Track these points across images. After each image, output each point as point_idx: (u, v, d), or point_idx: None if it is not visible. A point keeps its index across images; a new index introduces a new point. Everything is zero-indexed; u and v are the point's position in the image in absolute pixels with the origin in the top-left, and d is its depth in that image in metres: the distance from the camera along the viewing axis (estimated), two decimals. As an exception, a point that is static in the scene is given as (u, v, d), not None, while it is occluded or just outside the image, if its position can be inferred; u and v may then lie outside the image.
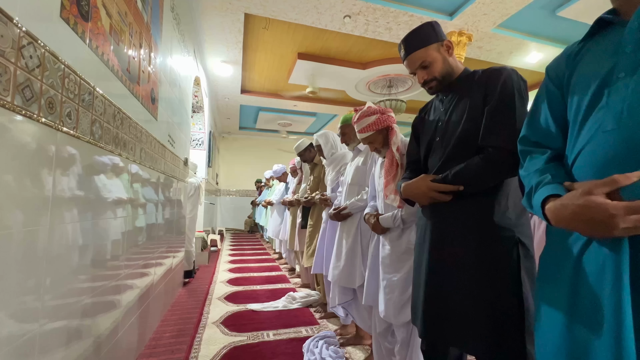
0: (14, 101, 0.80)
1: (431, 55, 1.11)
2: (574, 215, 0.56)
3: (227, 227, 9.68)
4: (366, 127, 1.48)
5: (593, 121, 0.62)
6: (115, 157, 1.45)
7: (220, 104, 7.22)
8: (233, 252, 5.78)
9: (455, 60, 1.17)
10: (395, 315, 1.38)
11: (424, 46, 1.11)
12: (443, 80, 1.14)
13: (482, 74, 1.10)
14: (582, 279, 0.60)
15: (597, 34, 0.69)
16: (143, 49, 1.84)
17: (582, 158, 0.63)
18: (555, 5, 3.77)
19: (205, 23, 4.05)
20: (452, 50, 1.14)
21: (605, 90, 0.60)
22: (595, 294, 0.57)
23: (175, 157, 2.84)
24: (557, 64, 0.77)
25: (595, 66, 0.64)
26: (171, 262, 2.76)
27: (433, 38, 1.11)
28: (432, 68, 1.12)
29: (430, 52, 1.11)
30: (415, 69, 1.14)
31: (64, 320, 1.07)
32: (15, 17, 0.81)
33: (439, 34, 1.13)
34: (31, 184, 0.89)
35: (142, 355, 1.88)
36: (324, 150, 2.46)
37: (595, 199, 0.52)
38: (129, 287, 1.69)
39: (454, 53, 1.18)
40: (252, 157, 10.29)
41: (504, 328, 0.91)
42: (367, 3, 3.64)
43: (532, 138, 0.79)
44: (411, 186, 1.12)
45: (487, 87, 1.04)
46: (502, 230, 0.96)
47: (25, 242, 0.87)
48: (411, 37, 1.13)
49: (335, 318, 2.47)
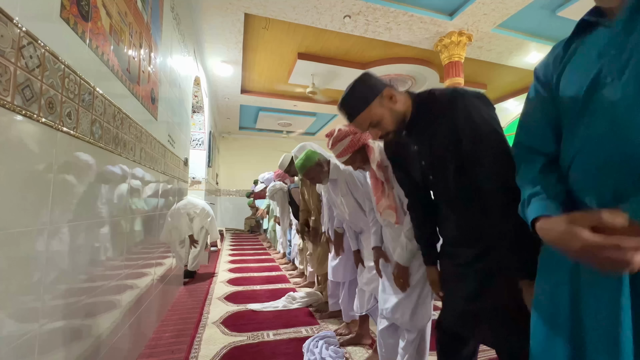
0: (14, 101, 0.80)
1: (376, 113, 1.02)
2: (557, 240, 0.57)
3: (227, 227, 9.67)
4: (343, 151, 1.47)
5: (585, 126, 0.62)
6: (115, 157, 1.45)
7: (220, 104, 7.23)
8: (233, 252, 5.78)
9: (402, 99, 1.05)
10: (410, 319, 1.41)
11: (365, 108, 1.01)
12: (398, 130, 1.06)
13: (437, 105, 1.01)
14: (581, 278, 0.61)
15: (582, 34, 0.68)
16: (143, 49, 1.84)
17: (576, 163, 0.63)
18: (555, 5, 3.77)
19: (205, 23, 4.05)
20: (394, 96, 1.03)
21: (595, 95, 0.60)
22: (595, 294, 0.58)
23: (175, 157, 2.84)
24: (544, 67, 0.76)
25: (583, 70, 0.64)
26: (171, 262, 2.76)
27: (371, 95, 1.02)
28: (382, 124, 1.03)
29: (374, 110, 1.02)
30: (366, 129, 1.07)
31: (64, 320, 1.07)
32: (16, 17, 0.81)
33: (375, 88, 1.02)
34: (31, 183, 0.89)
35: (142, 355, 1.88)
36: None
37: (576, 230, 0.52)
38: (128, 287, 1.69)
39: (455, 52, 1.16)
40: (252, 157, 10.29)
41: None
42: (367, 3, 3.64)
43: (526, 143, 0.78)
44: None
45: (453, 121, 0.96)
46: None
47: (25, 242, 0.87)
48: (348, 101, 1.04)
49: (336, 318, 2.47)
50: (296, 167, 1.95)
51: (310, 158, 1.87)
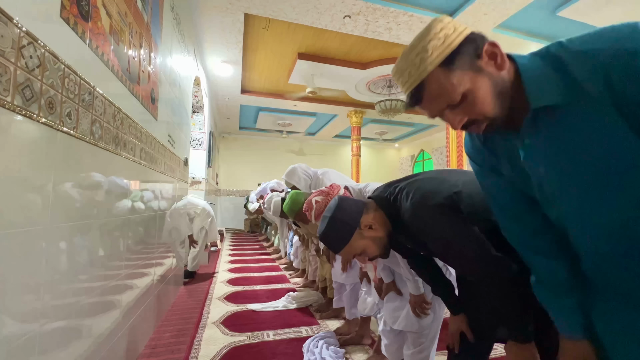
0: (14, 101, 0.80)
1: (358, 246, 1.01)
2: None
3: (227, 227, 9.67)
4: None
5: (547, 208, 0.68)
6: (115, 157, 1.45)
7: (220, 104, 7.23)
8: (233, 252, 5.78)
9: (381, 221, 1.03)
10: (418, 322, 1.43)
11: (345, 245, 1.00)
12: (387, 251, 1.06)
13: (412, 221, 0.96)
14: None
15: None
16: (143, 49, 1.84)
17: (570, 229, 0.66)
18: (555, 5, 3.77)
19: (205, 23, 4.05)
20: (373, 224, 1.01)
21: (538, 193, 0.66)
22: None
23: (175, 157, 2.84)
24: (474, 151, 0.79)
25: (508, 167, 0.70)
26: (171, 262, 2.76)
27: (349, 232, 0.99)
28: (367, 253, 1.03)
29: (355, 244, 1.00)
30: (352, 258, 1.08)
31: (64, 320, 1.07)
32: (16, 17, 0.81)
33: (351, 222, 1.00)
34: (31, 183, 0.89)
35: (142, 355, 1.88)
36: (300, 187, 2.35)
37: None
38: (129, 287, 1.69)
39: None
40: (252, 157, 10.30)
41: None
42: (367, 3, 3.64)
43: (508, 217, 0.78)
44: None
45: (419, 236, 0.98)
46: None
47: (25, 242, 0.87)
48: (328, 238, 1.02)
49: (336, 318, 2.47)
50: (284, 211, 1.93)
51: (297, 201, 1.85)
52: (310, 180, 2.38)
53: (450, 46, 0.59)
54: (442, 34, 0.60)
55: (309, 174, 2.40)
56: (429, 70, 0.60)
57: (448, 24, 0.61)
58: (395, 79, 0.68)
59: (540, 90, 0.57)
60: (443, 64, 0.60)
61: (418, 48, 0.61)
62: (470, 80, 0.59)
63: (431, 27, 0.61)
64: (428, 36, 0.61)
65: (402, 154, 12.12)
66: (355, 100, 7.03)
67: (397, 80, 0.67)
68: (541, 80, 0.57)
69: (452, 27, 0.61)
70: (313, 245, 3.17)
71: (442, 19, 0.62)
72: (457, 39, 0.60)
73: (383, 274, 1.59)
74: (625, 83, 0.48)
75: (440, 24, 0.61)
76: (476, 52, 0.60)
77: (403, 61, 0.64)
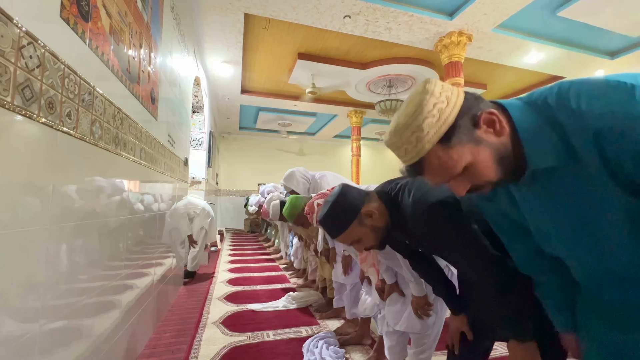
0: (14, 101, 0.80)
1: (356, 233, 1.03)
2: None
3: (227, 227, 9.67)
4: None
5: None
6: (115, 157, 1.45)
7: (220, 104, 7.23)
8: (233, 252, 5.78)
9: (380, 210, 1.04)
10: (420, 323, 1.43)
11: (344, 230, 1.03)
12: (382, 244, 1.09)
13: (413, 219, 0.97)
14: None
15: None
16: (143, 49, 1.84)
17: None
18: (555, 5, 3.77)
19: (205, 23, 4.05)
20: (373, 213, 1.02)
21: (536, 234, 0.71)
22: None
23: (175, 157, 2.84)
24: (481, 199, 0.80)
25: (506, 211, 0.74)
26: (171, 262, 2.76)
27: (349, 218, 1.02)
28: (364, 241, 1.05)
29: (354, 231, 1.02)
30: (349, 245, 1.10)
31: (64, 320, 1.07)
32: (15, 17, 0.81)
33: (352, 209, 1.02)
34: (31, 183, 0.89)
35: (142, 355, 1.88)
36: (299, 191, 2.36)
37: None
38: (128, 287, 1.69)
39: (455, 53, 1.13)
40: (252, 157, 10.30)
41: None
42: (367, 3, 3.64)
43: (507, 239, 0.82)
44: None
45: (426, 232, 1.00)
46: None
47: (25, 242, 0.87)
48: (328, 223, 1.04)
49: (336, 318, 2.47)
50: (284, 215, 1.95)
51: (296, 206, 1.87)
52: (309, 183, 2.39)
53: (447, 122, 0.57)
54: (435, 111, 0.58)
55: (307, 178, 2.41)
56: (427, 149, 0.59)
57: (440, 95, 0.59)
58: (391, 150, 0.66)
59: (538, 153, 0.58)
60: (441, 141, 0.58)
61: (412, 127, 0.59)
62: (471, 153, 0.58)
63: (423, 104, 0.58)
64: (422, 114, 0.58)
65: (402, 154, 12.10)
66: (355, 100, 7.03)
67: (393, 151, 0.65)
68: (539, 143, 0.57)
69: (445, 99, 0.58)
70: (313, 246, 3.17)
71: (432, 90, 0.59)
72: (452, 113, 0.58)
73: (386, 275, 1.59)
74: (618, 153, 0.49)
75: (432, 99, 0.58)
76: (473, 122, 0.58)
77: (397, 137, 0.62)
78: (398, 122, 0.61)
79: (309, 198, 1.94)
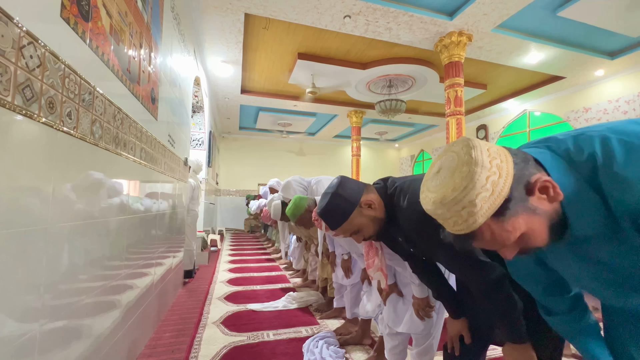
0: (14, 101, 0.80)
1: (356, 223, 1.05)
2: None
3: (227, 227, 9.68)
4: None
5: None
6: (116, 157, 1.45)
7: (220, 104, 7.23)
8: (233, 252, 5.78)
9: (379, 201, 1.07)
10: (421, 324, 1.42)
11: (344, 220, 1.05)
12: (380, 235, 1.12)
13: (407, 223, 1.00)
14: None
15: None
16: (143, 49, 1.84)
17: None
18: (556, 5, 3.77)
19: (206, 23, 4.05)
20: (373, 203, 1.05)
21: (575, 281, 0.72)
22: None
23: (175, 157, 2.84)
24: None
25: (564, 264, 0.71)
26: (171, 262, 2.76)
27: (349, 208, 1.04)
28: (364, 231, 1.07)
29: (354, 221, 1.05)
30: (348, 235, 1.12)
31: (64, 320, 1.07)
32: (16, 17, 0.81)
33: (352, 199, 1.04)
34: (31, 183, 0.89)
35: (142, 355, 1.88)
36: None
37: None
38: (129, 287, 1.69)
39: (455, 53, 1.14)
40: (252, 157, 10.31)
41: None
42: (367, 3, 3.64)
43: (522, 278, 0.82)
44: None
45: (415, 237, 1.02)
46: None
47: (25, 242, 0.87)
48: (328, 213, 1.06)
49: (336, 318, 2.47)
50: (287, 214, 1.97)
51: (299, 206, 1.89)
52: (306, 190, 2.40)
53: (501, 195, 0.54)
54: (489, 184, 0.53)
55: (304, 185, 2.43)
56: (479, 223, 0.55)
57: (491, 167, 0.54)
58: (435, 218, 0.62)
59: (582, 222, 0.57)
60: (494, 214, 0.55)
61: (464, 202, 0.54)
62: (526, 223, 0.55)
63: (475, 178, 0.54)
64: (474, 190, 0.54)
65: (402, 154, 12.12)
66: (355, 100, 7.03)
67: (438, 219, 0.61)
68: (583, 211, 0.56)
69: (496, 169, 0.54)
70: (313, 246, 3.18)
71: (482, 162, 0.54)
72: (506, 185, 0.54)
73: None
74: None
75: (484, 172, 0.54)
76: (527, 190, 0.55)
77: (444, 210, 0.57)
78: (445, 194, 0.57)
79: (313, 199, 1.95)
